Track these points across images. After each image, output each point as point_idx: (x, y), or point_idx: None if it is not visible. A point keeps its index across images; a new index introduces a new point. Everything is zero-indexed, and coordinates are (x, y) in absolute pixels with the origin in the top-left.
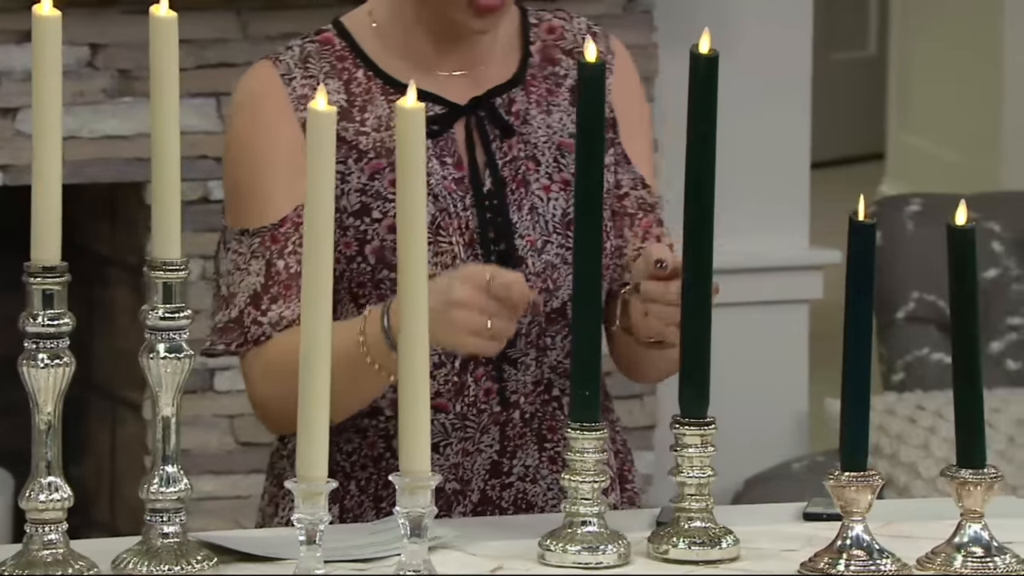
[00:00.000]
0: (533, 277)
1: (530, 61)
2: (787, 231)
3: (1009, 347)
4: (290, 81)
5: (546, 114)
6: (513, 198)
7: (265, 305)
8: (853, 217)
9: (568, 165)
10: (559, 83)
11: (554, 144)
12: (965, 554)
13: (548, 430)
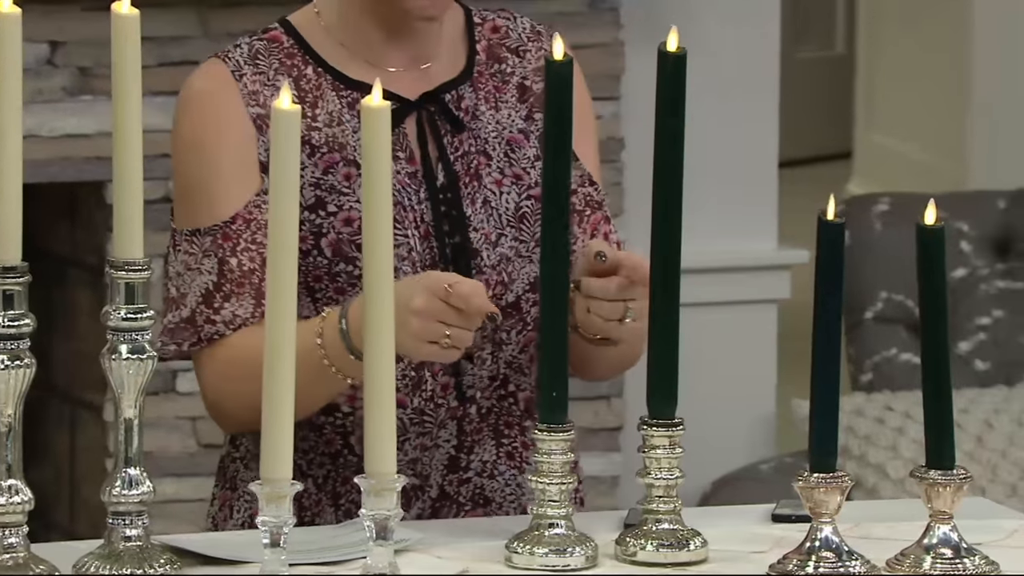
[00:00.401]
0: (488, 270)
1: (476, 59)
2: (755, 231)
3: (977, 347)
4: (240, 77)
5: (495, 110)
6: (466, 192)
7: (218, 303)
8: (822, 217)
9: (518, 160)
10: (506, 80)
11: (504, 139)
12: (934, 555)
13: (505, 425)
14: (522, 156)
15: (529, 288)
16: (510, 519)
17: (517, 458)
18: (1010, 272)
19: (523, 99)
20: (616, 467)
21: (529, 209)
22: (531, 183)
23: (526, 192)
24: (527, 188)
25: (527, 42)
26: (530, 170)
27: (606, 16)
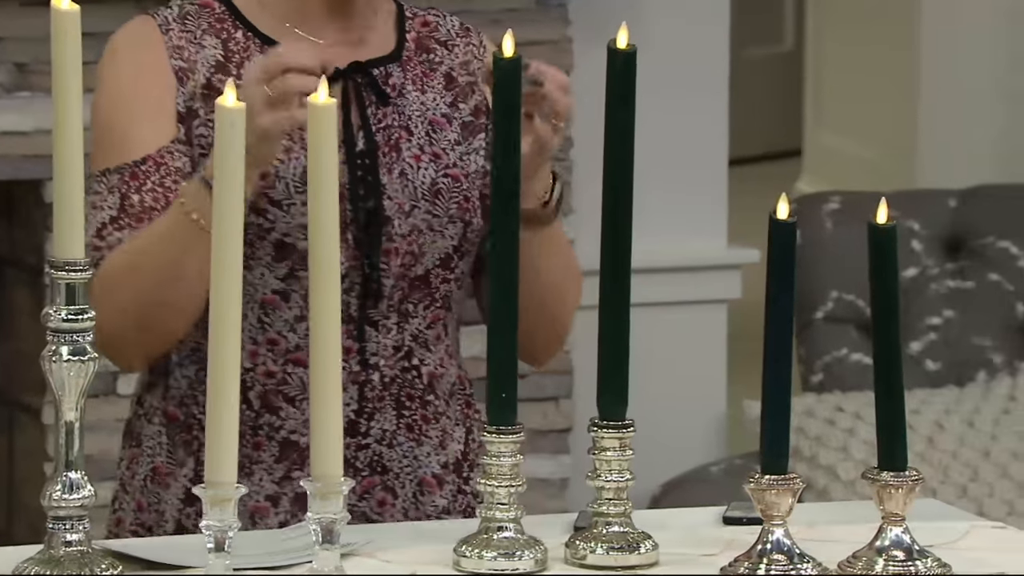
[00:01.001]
0: (399, 238)
1: (406, 46)
2: (705, 230)
3: (928, 347)
4: (167, 31)
5: (421, 92)
6: (384, 161)
7: (108, 232)
8: (773, 216)
9: (439, 140)
10: (434, 68)
11: (427, 119)
12: (886, 558)
13: (407, 397)
14: (443, 137)
15: (439, 264)
16: (462, 523)
17: (416, 431)
18: (961, 271)
19: (449, 87)
20: (565, 469)
21: (445, 186)
22: (449, 163)
23: (444, 170)
24: (445, 167)
25: (456, 37)
26: (449, 151)
27: (554, 13)
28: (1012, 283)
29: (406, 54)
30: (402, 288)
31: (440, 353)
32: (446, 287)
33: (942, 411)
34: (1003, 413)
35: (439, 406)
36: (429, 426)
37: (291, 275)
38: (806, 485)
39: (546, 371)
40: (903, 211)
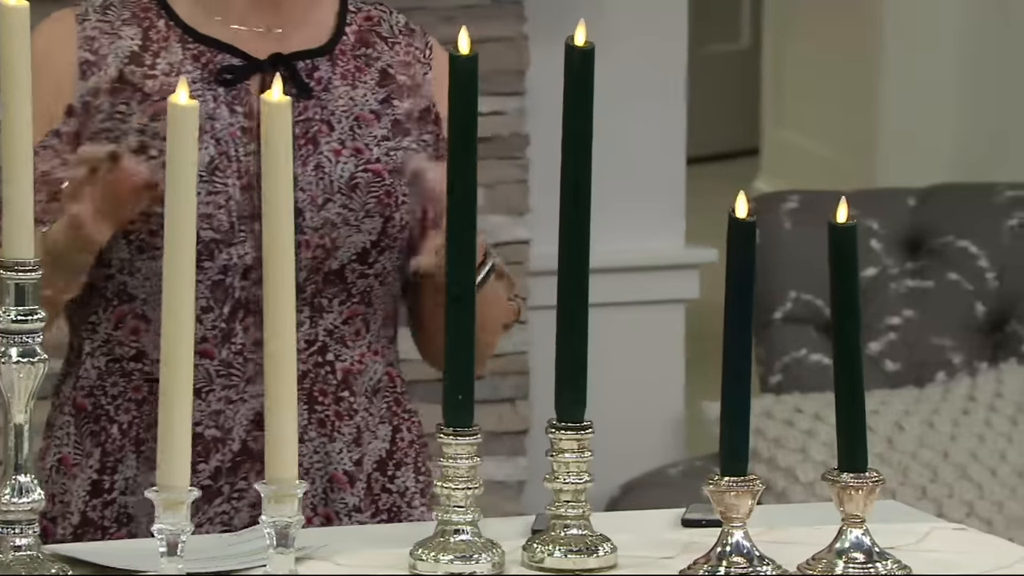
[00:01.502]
0: (310, 231)
1: (343, 39)
2: (663, 229)
3: (887, 347)
4: (83, 22)
5: (350, 87)
6: (299, 153)
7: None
8: (733, 215)
9: (363, 136)
10: (370, 63)
11: (353, 115)
12: (846, 560)
13: (320, 392)
14: (368, 133)
15: (355, 259)
16: (418, 525)
17: (328, 427)
18: (920, 271)
19: (383, 84)
20: (522, 472)
21: (363, 180)
22: (371, 158)
23: (364, 165)
24: (366, 161)
25: (399, 35)
26: (373, 147)
27: (510, 9)
28: (971, 283)
29: (341, 47)
30: (315, 282)
31: (360, 349)
32: (364, 282)
33: (901, 412)
34: (962, 414)
35: (355, 403)
36: (342, 423)
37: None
38: (765, 487)
39: (502, 372)
40: (862, 210)
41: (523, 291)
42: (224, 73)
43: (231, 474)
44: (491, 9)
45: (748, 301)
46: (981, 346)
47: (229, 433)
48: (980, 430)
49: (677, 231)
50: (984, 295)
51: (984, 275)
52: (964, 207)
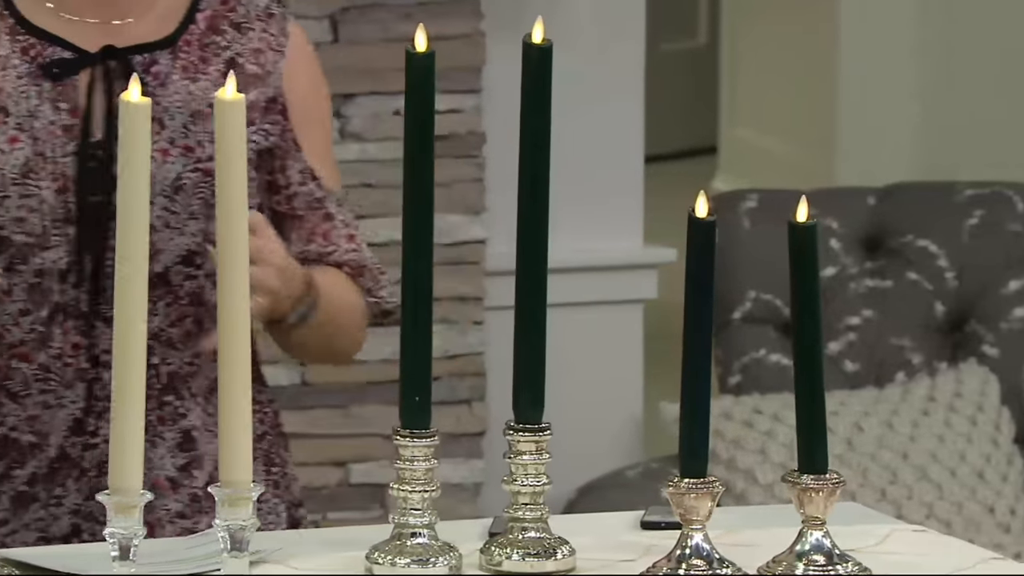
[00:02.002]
0: None
1: (191, 28)
2: (621, 229)
3: (847, 348)
4: None
5: (191, 81)
6: None
7: None
8: (692, 214)
9: (196, 133)
10: (217, 53)
11: (189, 111)
12: (807, 562)
13: None
14: (202, 129)
15: (180, 261)
16: (375, 528)
17: (150, 431)
18: (880, 271)
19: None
20: (478, 474)
21: (190, 181)
22: (203, 156)
23: (194, 164)
24: (196, 160)
25: (255, 20)
26: (207, 144)
27: (466, 6)
28: (931, 282)
29: (186, 38)
30: None
31: (193, 349)
32: (193, 283)
33: (861, 413)
34: (922, 414)
35: (181, 407)
36: (165, 427)
37: (10, 268)
38: (724, 489)
39: (459, 374)
40: (821, 209)
41: (480, 291)
42: (52, 67)
43: (48, 480)
44: (448, 6)
45: (708, 301)
46: (940, 346)
47: (46, 439)
48: (940, 431)
49: (635, 231)
50: (943, 295)
51: (943, 275)
52: (924, 206)
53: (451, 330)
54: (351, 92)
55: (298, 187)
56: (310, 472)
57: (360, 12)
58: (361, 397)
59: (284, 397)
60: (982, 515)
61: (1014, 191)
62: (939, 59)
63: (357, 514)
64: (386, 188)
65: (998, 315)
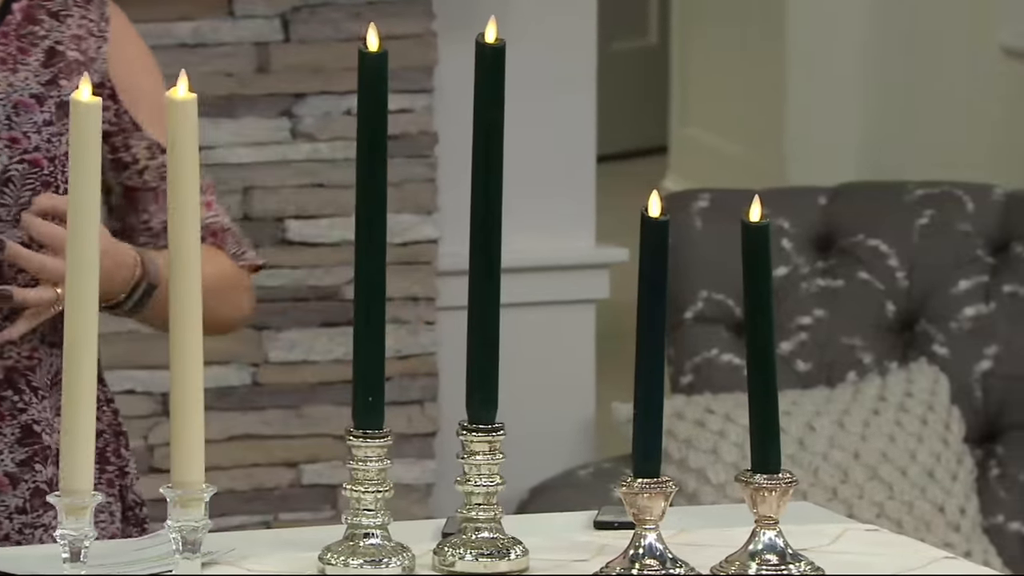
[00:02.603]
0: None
1: (8, 19)
2: (573, 228)
3: (798, 347)
4: None
5: (11, 72)
6: None
7: None
8: (645, 214)
9: (21, 124)
10: (35, 43)
11: (11, 102)
12: (759, 562)
13: None
14: (27, 120)
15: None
16: (327, 528)
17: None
18: (831, 270)
19: (49, 63)
20: (430, 474)
21: (18, 172)
22: (29, 147)
23: (20, 155)
24: (23, 152)
25: (71, 7)
26: (32, 134)
27: (418, 5)
28: (882, 282)
29: (3, 29)
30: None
31: (32, 343)
32: (24, 276)
33: (812, 412)
34: (873, 414)
35: (20, 400)
36: (4, 423)
37: None
38: (677, 489)
39: (411, 374)
40: (772, 209)
41: (432, 291)
42: None
43: None
44: (399, 6)
45: (661, 301)
46: (891, 345)
47: None
48: (890, 430)
49: (587, 230)
50: (894, 294)
51: (894, 274)
52: (875, 206)
53: (403, 330)
54: (302, 92)
55: (147, 161)
56: (262, 473)
57: (311, 12)
58: (313, 398)
59: (235, 398)
60: (932, 514)
61: (964, 191)
62: (886, 60)
63: (309, 515)
64: (337, 188)
65: (948, 314)
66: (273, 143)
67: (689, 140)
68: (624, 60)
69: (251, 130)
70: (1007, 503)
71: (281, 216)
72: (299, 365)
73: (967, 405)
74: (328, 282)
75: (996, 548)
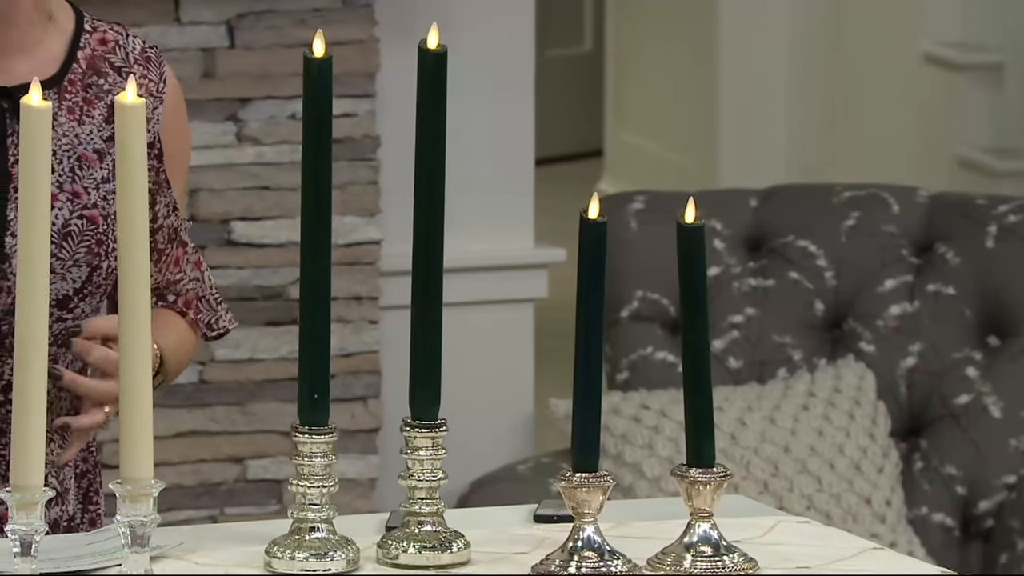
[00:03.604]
0: (12, 277)
1: (74, 67)
2: (512, 230)
3: (730, 345)
4: None
5: (77, 123)
6: (14, 196)
7: None
8: (584, 215)
9: (83, 178)
10: (100, 96)
11: (76, 154)
12: (695, 553)
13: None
14: (88, 175)
15: (56, 305)
16: (274, 523)
17: None
18: (762, 270)
19: (111, 119)
20: (373, 469)
21: (78, 228)
22: (88, 203)
23: (80, 211)
24: (83, 207)
25: (133, 64)
26: (92, 191)
27: (361, 13)
28: (811, 281)
29: (70, 77)
30: (8, 322)
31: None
32: (60, 326)
33: (744, 408)
34: (802, 409)
35: None
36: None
37: None
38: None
39: (355, 372)
40: (705, 210)
41: (375, 291)
42: None
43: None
44: (343, 13)
45: (599, 300)
46: (820, 343)
47: None
48: (819, 425)
49: (526, 231)
50: (823, 293)
51: (823, 274)
52: (803, 207)
53: (347, 329)
54: (247, 96)
55: (163, 220)
56: (208, 468)
57: (256, 18)
58: (258, 395)
59: (183, 395)
60: (859, 506)
61: (889, 193)
62: (813, 68)
63: (254, 509)
64: (282, 190)
65: (874, 313)
66: (219, 147)
67: (623, 144)
68: (561, 66)
69: (198, 134)
70: (930, 495)
71: (227, 218)
72: (245, 363)
73: (892, 401)
74: (274, 282)
75: (920, 539)
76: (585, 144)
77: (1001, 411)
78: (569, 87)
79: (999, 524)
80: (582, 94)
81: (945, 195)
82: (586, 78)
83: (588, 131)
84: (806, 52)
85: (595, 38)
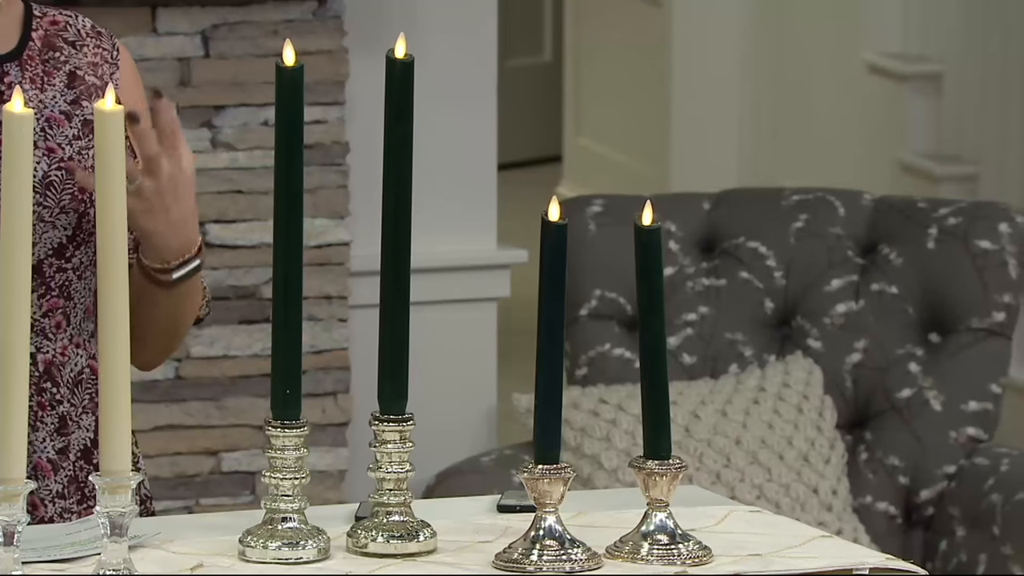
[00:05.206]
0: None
1: (30, 45)
2: (476, 232)
3: (684, 342)
4: None
5: (40, 91)
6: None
7: None
8: (545, 218)
9: (55, 136)
10: (58, 67)
11: (44, 116)
12: (651, 542)
13: None
14: (59, 133)
15: (52, 254)
16: (248, 513)
17: (31, 417)
18: (714, 270)
19: (71, 86)
20: (343, 462)
21: (58, 178)
22: (64, 156)
23: (58, 163)
24: (59, 160)
25: (85, 38)
26: (65, 146)
27: (330, 23)
28: (761, 281)
29: (28, 53)
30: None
31: (63, 341)
32: (62, 276)
33: (698, 402)
34: (753, 403)
35: (58, 393)
36: (45, 412)
37: None
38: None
39: (325, 368)
40: (660, 213)
41: (345, 290)
42: None
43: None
44: (313, 23)
45: (560, 298)
46: (770, 340)
47: None
48: (769, 418)
49: (489, 233)
50: (772, 292)
51: (772, 274)
52: (754, 210)
53: (317, 327)
54: (221, 104)
55: None
56: (184, 460)
57: (230, 28)
58: (232, 390)
59: (159, 391)
60: (807, 495)
61: (835, 197)
62: (762, 77)
63: (228, 500)
64: (255, 194)
65: (821, 311)
66: (195, 152)
67: (582, 150)
68: (522, 76)
69: None
70: (874, 484)
71: (202, 221)
72: (219, 360)
73: (838, 394)
74: (247, 282)
75: (864, 526)
76: (545, 150)
77: (941, 404)
78: (530, 95)
79: (939, 512)
80: (542, 102)
81: (888, 199)
82: (546, 87)
83: (548, 137)
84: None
85: (554, 49)
